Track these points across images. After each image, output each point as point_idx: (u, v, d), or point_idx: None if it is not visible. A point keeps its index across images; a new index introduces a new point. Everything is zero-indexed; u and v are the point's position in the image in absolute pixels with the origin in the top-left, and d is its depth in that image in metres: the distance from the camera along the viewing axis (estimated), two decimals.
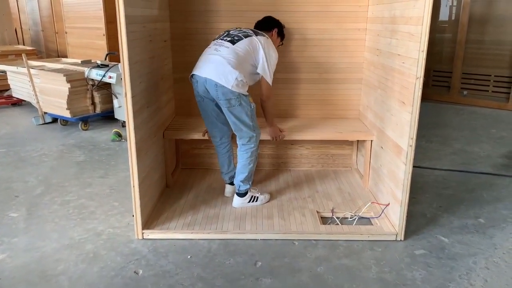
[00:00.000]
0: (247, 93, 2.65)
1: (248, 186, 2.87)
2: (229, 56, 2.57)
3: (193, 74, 2.68)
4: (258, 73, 2.72)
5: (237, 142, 2.79)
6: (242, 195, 2.87)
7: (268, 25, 2.93)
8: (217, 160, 3.04)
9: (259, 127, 2.82)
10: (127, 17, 2.19)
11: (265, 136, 2.97)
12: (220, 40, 2.69)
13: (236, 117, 2.63)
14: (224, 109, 2.64)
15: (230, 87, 2.52)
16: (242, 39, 2.65)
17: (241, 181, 2.83)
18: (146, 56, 2.58)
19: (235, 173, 2.92)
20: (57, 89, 4.86)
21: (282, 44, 3.07)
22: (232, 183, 3.01)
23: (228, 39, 2.67)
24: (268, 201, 2.96)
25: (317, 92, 3.41)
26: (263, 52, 2.66)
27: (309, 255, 2.39)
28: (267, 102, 2.83)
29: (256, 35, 2.71)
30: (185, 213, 2.78)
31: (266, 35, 2.80)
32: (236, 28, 2.80)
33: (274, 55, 2.72)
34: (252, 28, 2.89)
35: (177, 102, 3.43)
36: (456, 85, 6.58)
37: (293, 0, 3.19)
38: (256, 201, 2.91)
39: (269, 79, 2.72)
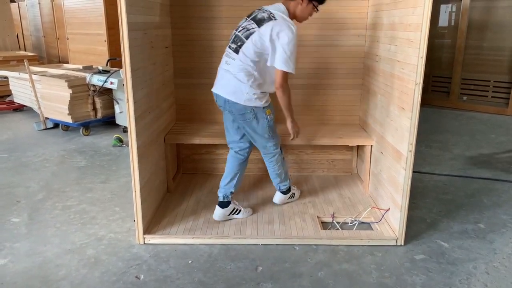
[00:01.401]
0: (265, 105, 2.55)
1: (287, 185, 2.96)
2: (236, 70, 2.48)
3: None
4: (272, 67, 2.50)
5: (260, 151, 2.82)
6: (284, 192, 2.98)
7: None
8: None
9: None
10: (129, 24, 2.21)
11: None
12: (229, 50, 2.54)
13: (252, 129, 2.61)
14: (240, 123, 2.62)
15: (242, 103, 2.49)
16: (245, 42, 2.45)
17: (278, 183, 2.93)
18: (147, 62, 2.60)
19: (230, 193, 2.76)
20: (58, 94, 4.88)
21: (317, 10, 2.60)
22: (221, 205, 2.75)
23: (234, 47, 2.51)
24: (298, 198, 3.11)
25: (317, 97, 3.43)
26: (270, 44, 2.40)
27: (310, 260, 2.40)
28: (279, 91, 2.53)
29: (260, 25, 2.42)
30: (186, 218, 2.80)
31: (279, 15, 2.43)
32: (247, 19, 2.53)
33: (287, 38, 2.37)
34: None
35: (178, 108, 3.45)
36: (456, 91, 6.61)
37: None
38: (294, 197, 3.05)
39: (280, 65, 2.42)
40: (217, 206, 2.78)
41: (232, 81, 2.50)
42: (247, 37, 2.46)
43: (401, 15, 2.51)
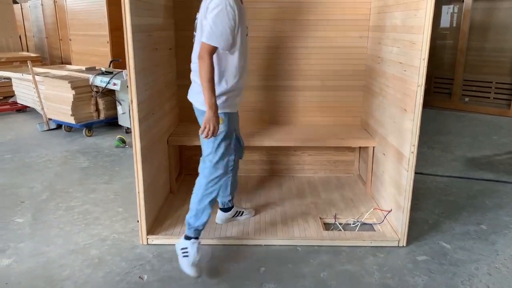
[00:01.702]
0: (219, 110, 2.16)
1: (191, 229, 2.30)
2: (192, 68, 2.34)
3: None
4: (226, 52, 2.17)
5: None
6: (185, 236, 2.32)
7: None
8: None
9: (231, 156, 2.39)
10: (133, 26, 2.23)
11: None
12: None
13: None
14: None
15: (195, 105, 2.31)
16: (194, 32, 2.27)
17: (188, 218, 2.33)
18: (151, 64, 2.62)
19: (229, 200, 2.68)
20: (61, 95, 4.91)
21: None
22: (223, 209, 2.71)
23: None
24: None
25: (319, 99, 3.44)
26: (205, 20, 2.11)
27: (312, 261, 2.41)
28: (199, 62, 2.09)
29: (200, 10, 2.20)
30: None
31: None
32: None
33: (213, 5, 2.05)
34: None
35: (181, 109, 3.47)
36: (458, 92, 6.61)
37: (295, 9, 3.23)
38: (187, 256, 2.24)
39: (203, 38, 2.07)
40: (218, 210, 2.73)
41: (192, 81, 2.37)
42: (195, 28, 2.28)
43: (403, 17, 2.52)
